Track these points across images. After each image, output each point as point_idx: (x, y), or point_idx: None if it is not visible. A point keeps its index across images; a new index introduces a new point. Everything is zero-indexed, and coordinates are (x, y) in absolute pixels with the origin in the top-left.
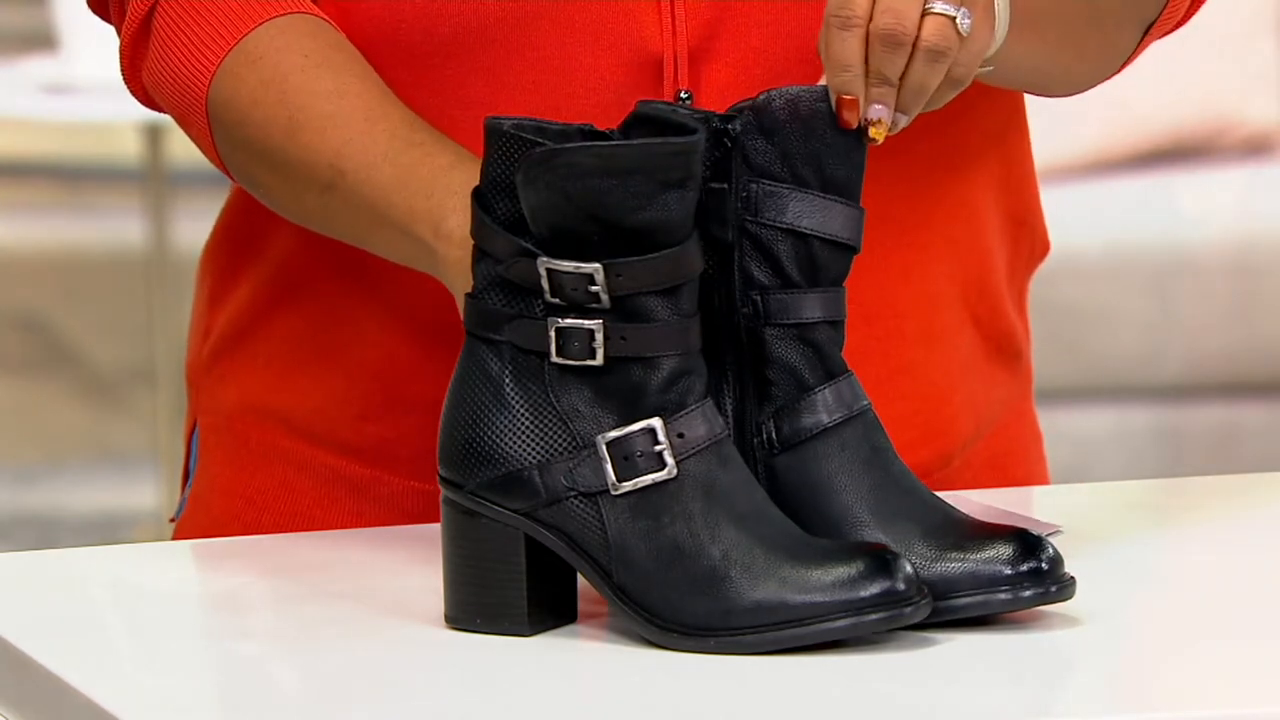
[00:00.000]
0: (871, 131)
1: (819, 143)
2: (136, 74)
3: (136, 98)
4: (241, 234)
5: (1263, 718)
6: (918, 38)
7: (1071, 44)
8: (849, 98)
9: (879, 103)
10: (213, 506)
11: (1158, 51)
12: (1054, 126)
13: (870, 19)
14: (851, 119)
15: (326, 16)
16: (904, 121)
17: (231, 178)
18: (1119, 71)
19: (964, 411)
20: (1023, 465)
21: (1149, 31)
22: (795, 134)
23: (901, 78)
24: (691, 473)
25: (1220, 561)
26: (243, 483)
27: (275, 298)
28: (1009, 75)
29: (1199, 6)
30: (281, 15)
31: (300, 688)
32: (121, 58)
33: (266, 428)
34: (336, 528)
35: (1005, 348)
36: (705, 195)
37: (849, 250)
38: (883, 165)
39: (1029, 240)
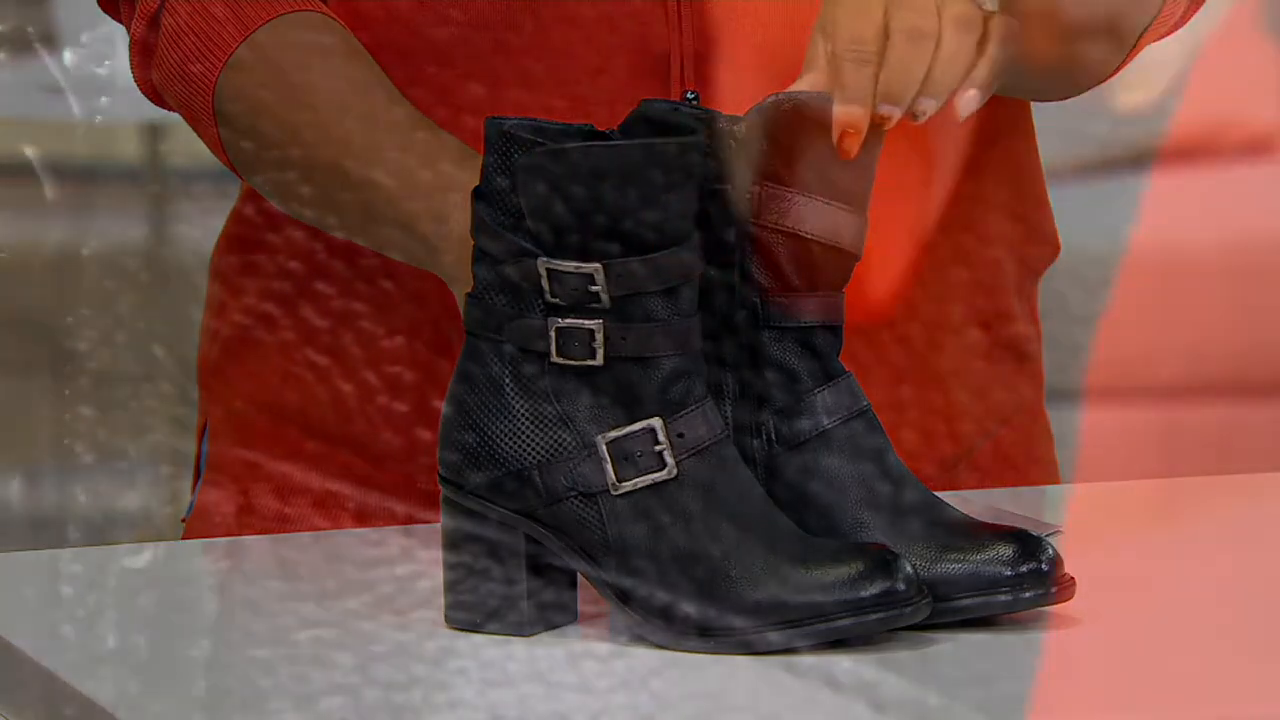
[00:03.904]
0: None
1: (824, 148)
2: (146, 72)
3: (146, 95)
4: (250, 233)
5: (1263, 718)
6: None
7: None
8: (854, 131)
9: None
10: (223, 505)
11: (1158, 51)
12: (1053, 127)
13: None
14: (853, 149)
15: (334, 15)
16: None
17: (239, 175)
18: (1114, 75)
19: (971, 412)
20: (1035, 466)
21: (1143, 35)
22: (800, 138)
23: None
24: (691, 473)
25: (1220, 561)
26: (252, 481)
27: (284, 297)
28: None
29: (1196, 9)
30: (289, 13)
31: (299, 688)
32: (131, 55)
33: (276, 426)
34: (344, 526)
35: (1014, 349)
36: (709, 196)
37: (849, 257)
38: (885, 165)
39: (1037, 241)
